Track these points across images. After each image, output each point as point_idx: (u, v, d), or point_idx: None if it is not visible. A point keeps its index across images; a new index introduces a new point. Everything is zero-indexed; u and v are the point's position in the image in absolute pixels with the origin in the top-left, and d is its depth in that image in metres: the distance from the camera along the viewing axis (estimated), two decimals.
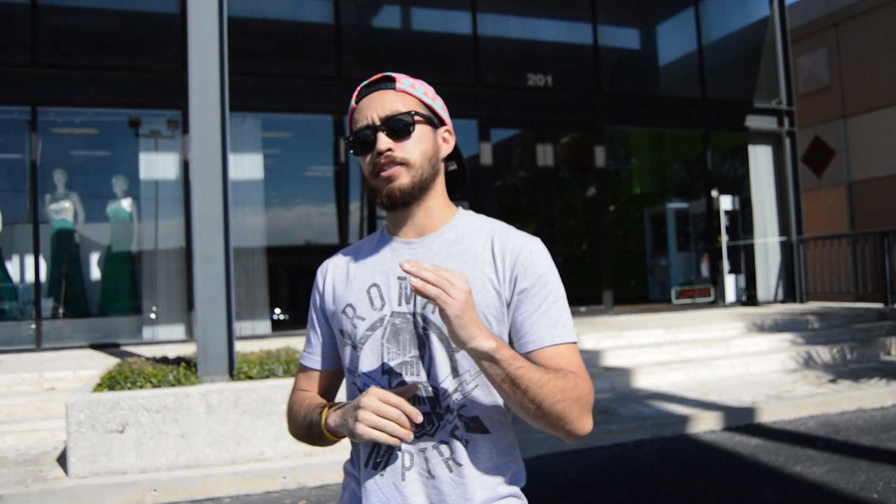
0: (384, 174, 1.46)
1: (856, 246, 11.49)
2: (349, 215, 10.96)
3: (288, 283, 12.12)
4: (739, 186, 12.82)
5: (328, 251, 10.41)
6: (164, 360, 6.13)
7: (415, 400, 1.42)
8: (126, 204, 9.78)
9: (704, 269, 12.45)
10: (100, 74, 9.01)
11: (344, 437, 1.42)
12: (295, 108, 9.95)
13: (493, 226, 1.56)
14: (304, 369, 1.67)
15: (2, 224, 9.47)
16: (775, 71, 12.55)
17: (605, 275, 11.11)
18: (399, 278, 1.49)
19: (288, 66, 10.16)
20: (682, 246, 13.25)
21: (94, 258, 10.22)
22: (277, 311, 11.04)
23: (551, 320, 1.44)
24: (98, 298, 9.77)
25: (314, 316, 1.64)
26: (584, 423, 1.40)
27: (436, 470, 1.42)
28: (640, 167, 15.97)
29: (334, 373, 1.64)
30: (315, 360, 1.64)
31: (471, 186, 11.15)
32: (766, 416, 6.44)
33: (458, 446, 1.43)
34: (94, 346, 8.67)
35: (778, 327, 9.17)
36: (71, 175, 9.82)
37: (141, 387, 5.19)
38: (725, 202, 12.31)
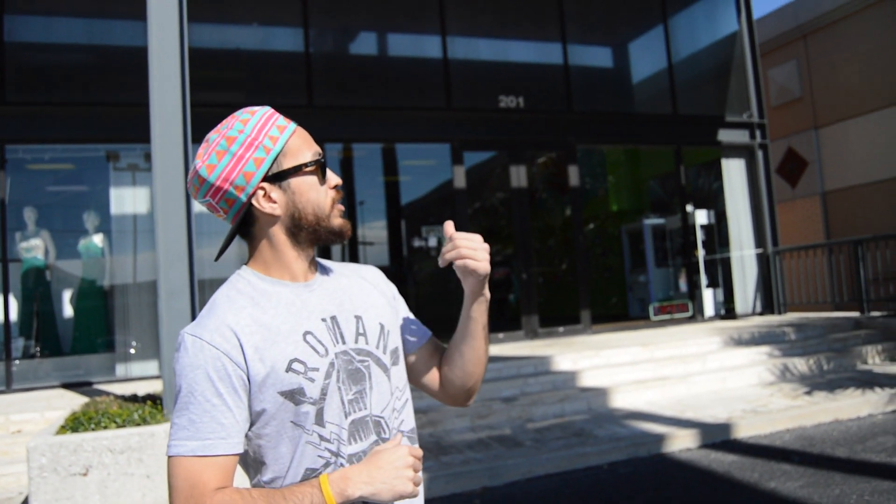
0: (341, 208, 1.53)
1: (831, 255, 11.54)
2: None
3: None
4: (715, 200, 12.89)
5: None
6: (133, 398, 6.05)
7: (365, 431, 1.46)
8: (98, 239, 9.71)
9: (683, 285, 12.47)
10: (70, 111, 8.96)
11: None
12: None
13: (339, 263, 1.70)
14: (213, 460, 1.33)
15: None
16: (746, 85, 12.67)
17: (582, 294, 11.09)
18: (322, 319, 1.47)
19: (259, 95, 10.14)
20: (660, 262, 13.27)
21: (67, 295, 10.12)
22: None
23: (416, 321, 1.72)
24: (70, 336, 9.66)
25: (220, 391, 1.34)
26: None
27: None
28: (616, 184, 16.04)
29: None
30: (233, 444, 1.35)
31: (447, 210, 11.16)
32: (742, 432, 6.43)
33: None
34: (67, 386, 8.55)
35: (755, 340, 9.18)
36: (42, 212, 9.74)
37: (105, 427, 5.10)
38: (701, 216, 12.35)
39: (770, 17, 14.90)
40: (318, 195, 1.48)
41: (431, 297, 12.56)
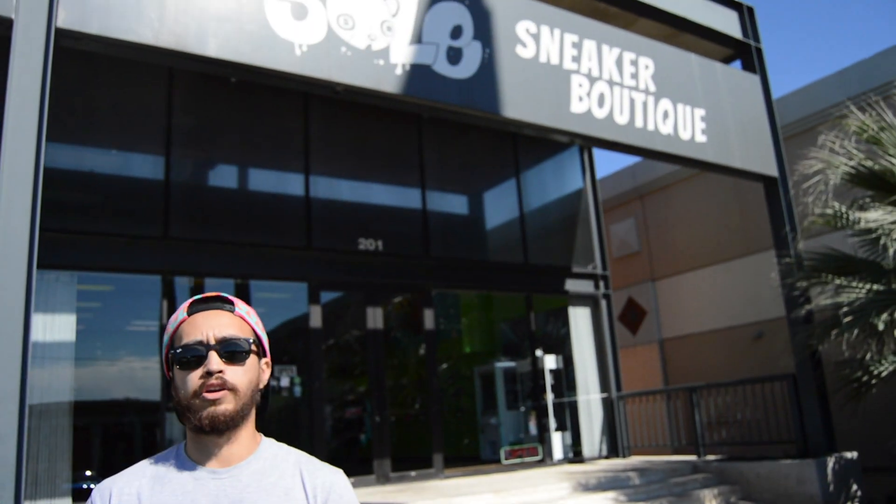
0: (210, 396, 1.45)
1: (669, 401, 12.18)
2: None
3: (100, 444, 11.04)
4: (563, 345, 13.41)
5: (149, 408, 9.38)
6: None
7: None
8: None
9: (532, 428, 12.66)
10: None
11: None
12: (118, 268, 9.46)
13: (298, 457, 1.62)
14: None
15: None
16: (590, 238, 13.63)
17: (435, 437, 11.01)
18: None
19: (113, 223, 9.73)
20: (511, 404, 13.48)
21: None
22: (88, 472, 9.96)
23: None
24: None
25: None
26: None
27: None
28: (469, 326, 16.40)
29: None
30: None
31: (300, 348, 10.94)
32: None
33: None
34: None
35: (602, 486, 9.36)
36: None
37: None
38: (550, 361, 12.78)
39: (612, 177, 16.30)
40: (184, 381, 1.48)
41: (280, 436, 12.02)
